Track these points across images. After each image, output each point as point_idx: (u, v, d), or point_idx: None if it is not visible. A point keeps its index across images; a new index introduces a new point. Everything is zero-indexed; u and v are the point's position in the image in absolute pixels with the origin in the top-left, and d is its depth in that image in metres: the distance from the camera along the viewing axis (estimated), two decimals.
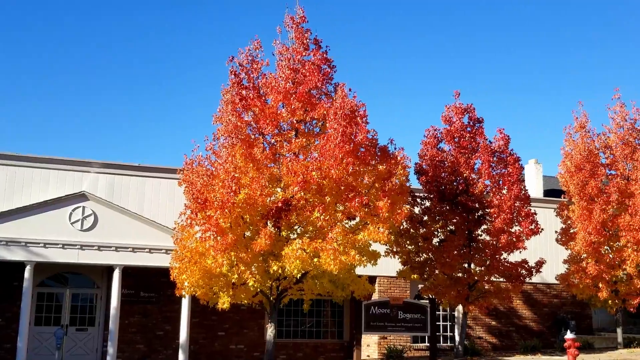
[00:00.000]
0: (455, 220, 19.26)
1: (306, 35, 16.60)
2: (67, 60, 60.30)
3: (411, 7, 76.05)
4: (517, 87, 76.91)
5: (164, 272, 17.81)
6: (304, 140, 15.90)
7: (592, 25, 75.15)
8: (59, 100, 60.28)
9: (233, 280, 14.89)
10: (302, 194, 14.74)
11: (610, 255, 20.58)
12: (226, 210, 14.09)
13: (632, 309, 20.91)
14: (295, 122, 16.08)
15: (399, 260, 19.56)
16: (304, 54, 16.56)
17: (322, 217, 14.74)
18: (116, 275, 18.37)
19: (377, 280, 22.72)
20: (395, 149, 16.67)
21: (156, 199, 20.61)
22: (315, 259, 14.34)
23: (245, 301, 15.79)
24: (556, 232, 22.20)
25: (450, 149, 19.92)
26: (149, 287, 20.96)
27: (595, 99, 67.53)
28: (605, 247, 20.80)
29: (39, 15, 59.69)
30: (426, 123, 47.38)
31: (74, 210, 18.32)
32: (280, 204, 14.97)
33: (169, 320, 20.94)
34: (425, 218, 19.55)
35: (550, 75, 76.89)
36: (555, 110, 75.69)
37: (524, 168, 26.37)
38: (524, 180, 21.93)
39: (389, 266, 20.89)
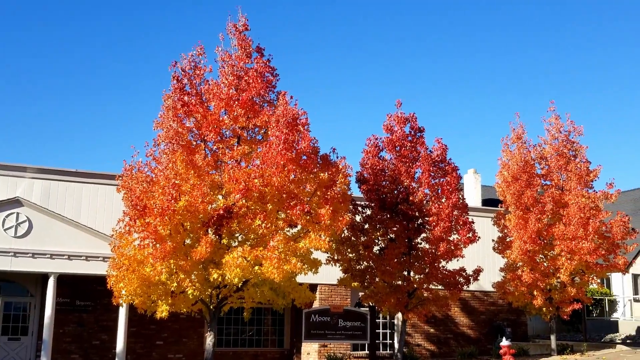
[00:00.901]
0: (395, 229, 19.45)
1: (249, 43, 16.58)
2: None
3: (352, 18, 76.76)
4: (458, 98, 78.43)
5: (101, 280, 17.44)
6: (247, 147, 15.85)
7: (530, 38, 77.27)
8: None
9: (172, 289, 14.67)
10: (244, 201, 14.66)
11: (545, 264, 21.12)
12: (166, 217, 13.88)
13: (565, 316, 21.48)
14: (237, 129, 16.02)
15: (340, 268, 19.64)
16: (246, 61, 16.52)
17: (263, 224, 14.68)
18: (51, 284, 17.87)
19: (318, 288, 22.76)
20: (337, 157, 16.80)
21: (94, 206, 20.18)
22: (257, 267, 14.26)
23: (185, 310, 15.57)
24: (493, 240, 22.66)
25: (391, 158, 20.11)
26: (86, 295, 20.50)
27: (532, 111, 69.43)
28: (540, 256, 21.32)
29: None
30: (368, 132, 47.85)
31: (7, 216, 17.76)
32: (221, 212, 14.84)
33: (106, 329, 20.50)
34: (367, 226, 19.69)
35: (490, 88, 78.64)
36: (494, 122, 77.45)
37: (462, 177, 26.91)
38: (462, 190, 22.33)
39: (330, 274, 20.95)
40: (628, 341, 28.21)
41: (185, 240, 14.84)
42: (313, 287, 22.15)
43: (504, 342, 17.18)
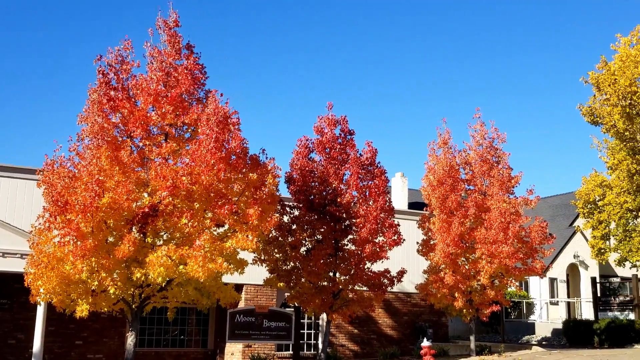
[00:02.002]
0: (323, 230, 19.55)
1: (179, 39, 16.36)
2: None
3: (284, 21, 76.82)
4: (388, 102, 79.53)
5: (18, 277, 16.86)
6: (175, 144, 15.61)
7: (459, 45, 79.14)
8: None
9: (93, 288, 14.29)
10: (171, 199, 14.43)
11: (466, 267, 21.62)
12: (88, 214, 13.51)
13: (484, 318, 22.05)
14: (165, 126, 15.77)
15: (267, 268, 19.61)
16: (176, 57, 16.31)
17: (190, 223, 14.49)
18: None
19: (244, 288, 22.65)
20: (266, 158, 16.79)
21: (12, 201, 19.49)
22: (182, 267, 14.07)
23: (106, 309, 15.18)
24: (418, 243, 23.05)
25: (320, 160, 20.21)
26: (1, 293, 19.78)
27: (459, 117, 71.09)
28: (462, 259, 21.81)
29: None
30: (300, 134, 47.95)
31: None
32: (146, 209, 14.55)
33: (23, 328, 19.82)
34: (294, 227, 19.72)
35: (420, 93, 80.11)
36: (423, 127, 78.92)
37: (390, 180, 27.24)
38: (389, 192, 22.62)
39: (257, 274, 20.89)
40: (544, 343, 29.27)
41: (108, 238, 14.49)
42: (239, 287, 22.04)
43: (425, 343, 17.52)
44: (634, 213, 25.11)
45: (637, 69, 21.82)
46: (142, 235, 14.77)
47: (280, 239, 19.47)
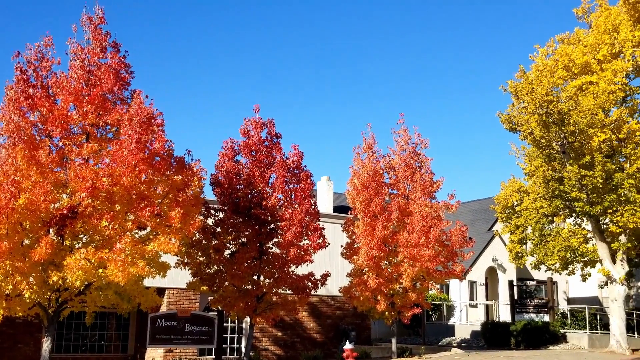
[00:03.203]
0: (247, 233, 19.47)
1: (105, 37, 16.01)
2: None
3: (214, 23, 76.18)
4: (316, 106, 79.91)
5: None
6: (96, 145, 15.23)
7: (385, 52, 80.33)
8: None
9: (7, 291, 13.79)
10: (90, 200, 14.08)
11: (389, 270, 21.92)
12: (3, 215, 13.06)
13: (406, 321, 22.41)
14: (87, 125, 15.39)
15: (190, 271, 19.36)
16: (100, 56, 15.97)
17: (110, 226, 14.18)
18: None
19: (166, 292, 22.30)
20: (192, 160, 16.61)
21: None
22: (101, 270, 13.75)
23: (21, 314, 14.69)
24: (342, 246, 23.23)
25: (247, 162, 20.13)
26: None
27: (384, 122, 72.10)
28: (385, 262, 22.10)
29: None
30: (227, 137, 47.52)
31: None
32: (65, 211, 14.15)
33: None
34: (218, 229, 19.56)
35: (345, 98, 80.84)
36: (350, 131, 79.66)
37: (316, 184, 27.38)
38: (315, 196, 22.73)
39: (179, 278, 20.61)
40: (463, 344, 29.99)
41: (24, 241, 14.04)
42: (161, 291, 21.67)
43: (347, 346, 17.69)
44: (549, 218, 26.04)
45: (553, 79, 22.67)
46: (60, 237, 14.36)
47: (204, 242, 19.27)
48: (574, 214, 24.79)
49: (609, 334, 24.71)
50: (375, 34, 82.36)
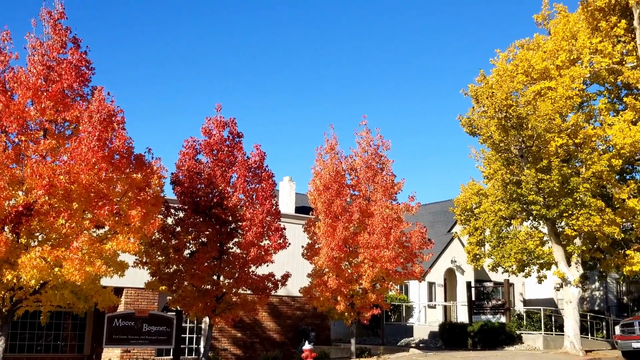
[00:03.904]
0: (208, 232, 19.35)
1: (65, 32, 15.76)
2: None
3: (179, 25, 75.55)
4: (279, 107, 79.80)
5: None
6: (54, 142, 14.98)
7: (348, 54, 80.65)
8: None
9: None
10: (47, 198, 13.82)
11: (349, 271, 22.02)
12: None
13: (365, 321, 22.54)
14: (45, 122, 15.13)
15: (149, 271, 19.16)
16: (60, 51, 15.72)
17: (67, 224, 13.94)
18: None
19: (124, 291, 22.04)
20: (152, 158, 16.48)
21: None
22: (57, 269, 13.51)
23: None
24: (303, 247, 23.26)
25: (208, 162, 20.01)
26: None
27: (346, 123, 72.35)
28: (345, 263, 22.19)
29: None
30: (189, 136, 47.11)
31: None
32: (21, 209, 13.85)
33: None
34: (178, 229, 19.40)
35: (309, 99, 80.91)
36: (312, 132, 79.75)
37: (278, 184, 27.36)
38: (277, 196, 22.70)
39: (138, 277, 20.39)
40: (421, 345, 30.28)
41: None
42: (119, 291, 21.41)
43: (306, 346, 17.71)
44: (507, 221, 26.45)
45: (512, 83, 23.03)
46: (15, 235, 14.07)
47: (163, 241, 19.11)
48: (531, 217, 25.22)
49: (563, 335, 25.20)
50: (338, 38, 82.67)
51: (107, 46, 67.31)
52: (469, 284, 31.76)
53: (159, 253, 19.05)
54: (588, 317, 29.90)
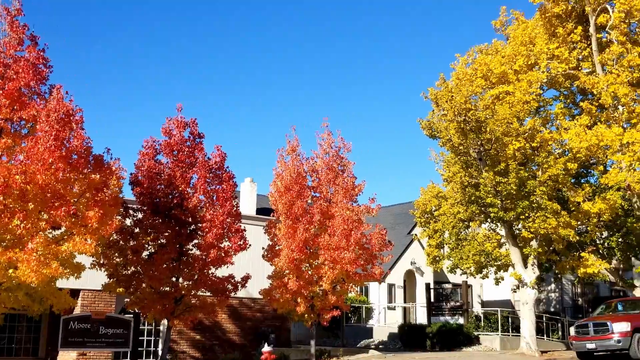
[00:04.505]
0: (167, 234, 19.15)
1: (22, 29, 15.49)
2: None
3: (139, 23, 74.73)
4: (240, 108, 79.49)
5: None
6: (10, 141, 14.71)
7: (309, 55, 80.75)
8: None
9: None
10: (2, 198, 13.56)
11: (310, 272, 22.03)
12: None
13: (325, 323, 22.57)
14: (0, 120, 14.83)
15: (106, 273, 18.88)
16: (17, 49, 15.43)
17: (22, 225, 13.67)
18: None
19: (80, 293, 21.69)
20: (111, 158, 16.29)
21: None
22: (11, 270, 13.25)
23: None
24: (263, 248, 23.19)
25: (168, 162, 19.82)
26: None
27: (308, 126, 72.41)
28: (306, 264, 22.18)
29: None
30: (149, 136, 46.57)
31: None
32: None
33: None
34: (137, 230, 19.16)
35: (271, 100, 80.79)
36: (274, 133, 79.61)
37: (239, 185, 27.22)
38: (238, 197, 22.57)
39: (95, 279, 20.08)
40: (380, 346, 30.47)
41: None
42: (75, 293, 21.05)
43: (266, 348, 17.68)
44: (465, 223, 26.81)
45: (472, 87, 23.38)
46: None
47: (121, 242, 18.85)
48: (488, 220, 25.60)
49: (520, 336, 25.61)
50: (299, 40, 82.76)
51: (67, 45, 66.26)
52: (428, 286, 32.05)
53: (116, 254, 18.78)
54: (544, 318, 30.46)
